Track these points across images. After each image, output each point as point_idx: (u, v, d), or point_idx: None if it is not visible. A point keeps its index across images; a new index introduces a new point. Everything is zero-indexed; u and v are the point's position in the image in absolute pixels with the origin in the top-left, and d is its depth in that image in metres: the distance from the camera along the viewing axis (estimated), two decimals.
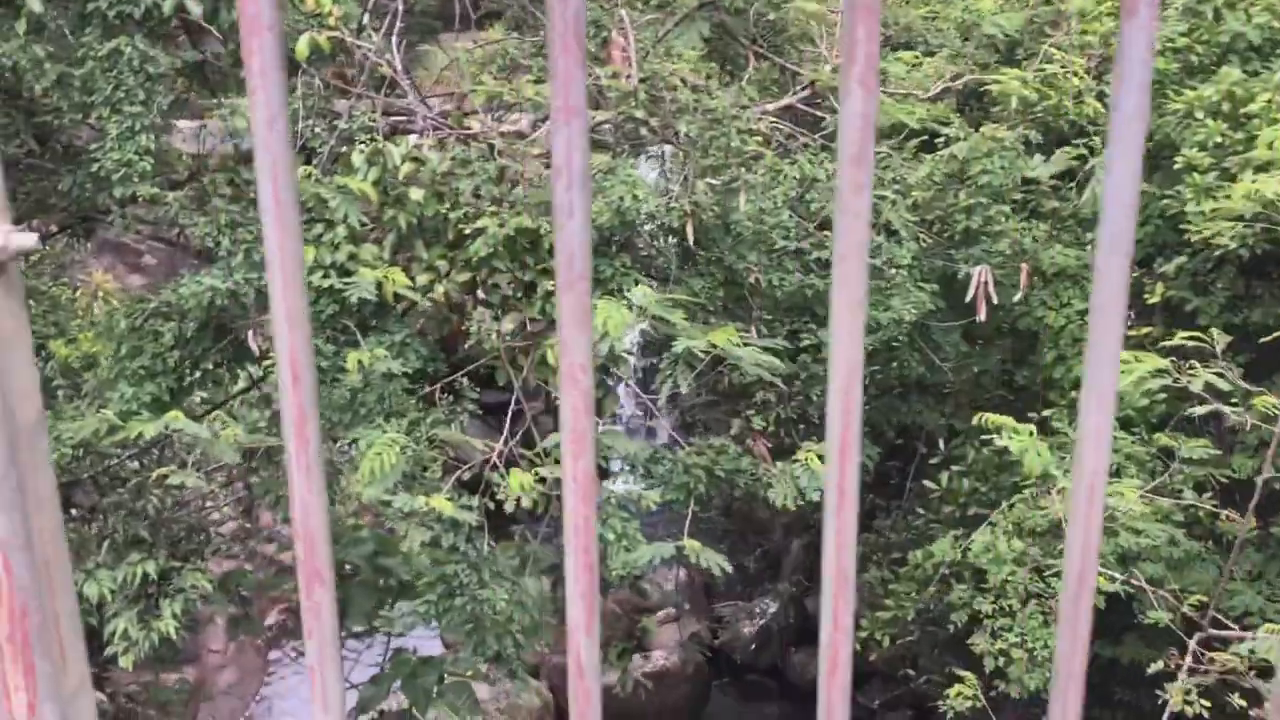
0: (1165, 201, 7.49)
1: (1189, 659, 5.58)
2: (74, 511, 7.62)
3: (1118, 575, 6.35)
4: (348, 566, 8.30)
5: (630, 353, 7.23)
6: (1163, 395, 7.37)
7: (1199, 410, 5.82)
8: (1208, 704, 5.38)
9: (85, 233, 10.54)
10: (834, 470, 0.94)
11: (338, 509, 7.69)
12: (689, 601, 16.41)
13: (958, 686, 6.22)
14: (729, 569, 6.56)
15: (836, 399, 0.91)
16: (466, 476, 6.57)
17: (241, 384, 7.40)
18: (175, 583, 6.63)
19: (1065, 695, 0.97)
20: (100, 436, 6.02)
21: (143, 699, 9.98)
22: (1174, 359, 5.79)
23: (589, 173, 0.86)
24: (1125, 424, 7.24)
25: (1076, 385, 8.05)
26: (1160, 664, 5.64)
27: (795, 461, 6.65)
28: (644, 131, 7.32)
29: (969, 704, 6.21)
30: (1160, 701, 5.56)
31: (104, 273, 13.83)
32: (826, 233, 7.48)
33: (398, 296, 6.61)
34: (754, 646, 15.58)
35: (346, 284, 6.20)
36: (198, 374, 6.78)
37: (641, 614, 14.37)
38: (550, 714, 14.82)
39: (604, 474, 6.77)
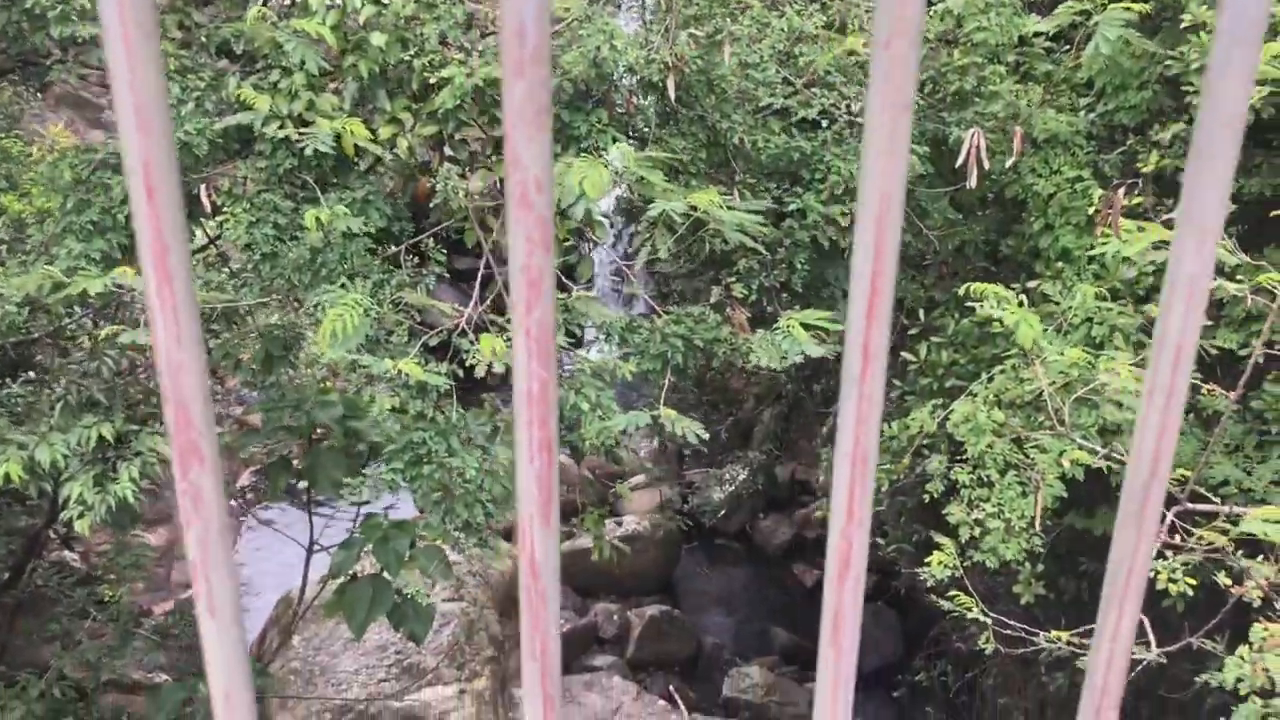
0: (1167, 64, 7.16)
1: (1164, 532, 5.53)
2: (30, 374, 7.35)
3: (1099, 448, 6.25)
4: (317, 430, 8.11)
5: (606, 216, 6.92)
6: (1151, 267, 7.19)
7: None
8: (1193, 581, 5.32)
9: (31, 80, 9.97)
10: (857, 330, 0.73)
11: (304, 373, 7.44)
12: (661, 468, 16.49)
13: (938, 555, 6.15)
14: (705, 436, 6.41)
15: (867, 226, 0.70)
16: (434, 343, 6.33)
17: (199, 241, 7.05)
18: (133, 446, 6.40)
19: (1123, 601, 0.83)
20: (46, 293, 5.71)
21: (113, 559, 9.88)
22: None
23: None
24: (1112, 295, 7.06)
25: (1063, 255, 7.87)
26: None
27: (776, 330, 6.44)
28: None
29: (949, 572, 6.16)
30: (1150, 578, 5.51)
31: (62, 126, 13.26)
32: (815, 90, 7.12)
33: (359, 151, 6.25)
34: (723, 513, 15.73)
35: (303, 135, 5.83)
36: None
37: (615, 480, 14.38)
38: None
39: (578, 342, 6.54)
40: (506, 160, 0.67)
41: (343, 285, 5.75)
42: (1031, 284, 7.57)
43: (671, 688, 13.84)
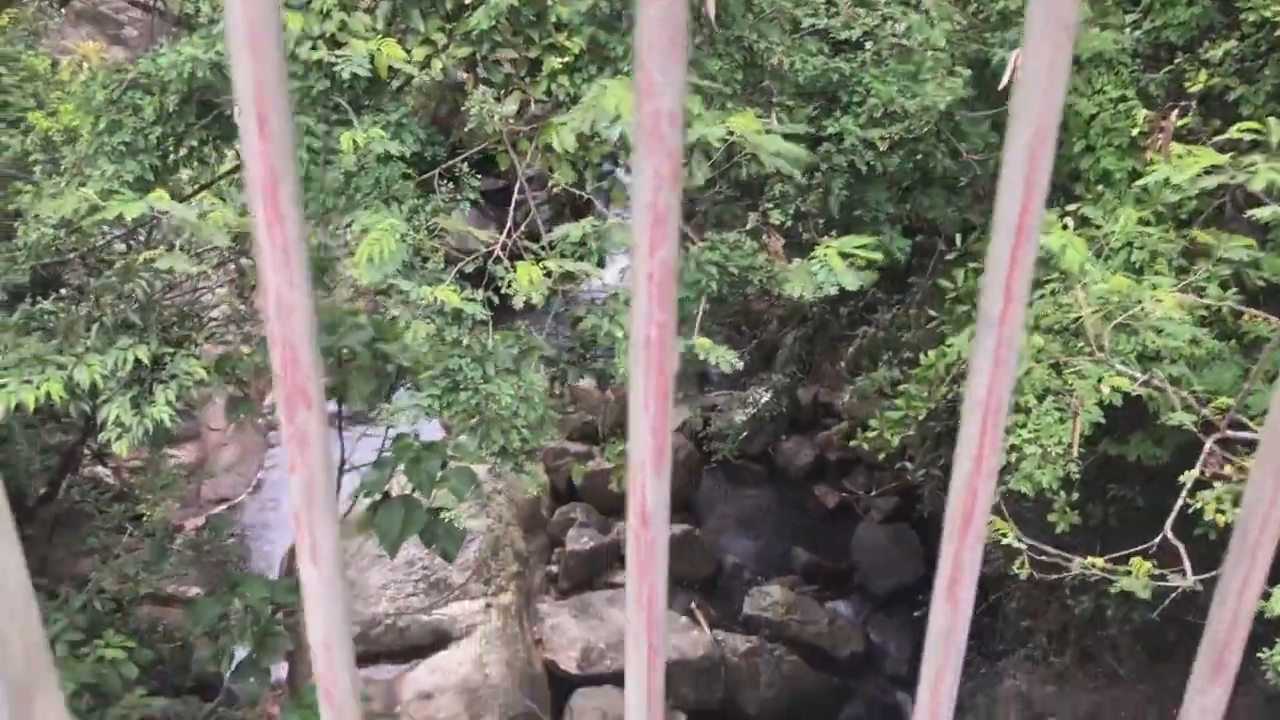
0: None
1: (1200, 462, 5.51)
2: (63, 292, 7.35)
3: (1138, 375, 6.21)
4: (345, 351, 8.14)
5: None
6: (1196, 190, 7.05)
7: (1262, 212, 5.51)
8: (1224, 511, 5.31)
9: None
10: (1000, 267, 0.69)
11: (335, 295, 7.42)
12: (683, 391, 16.51)
13: None
14: (739, 365, 6.39)
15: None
16: (469, 269, 6.29)
17: (230, 163, 6.99)
18: (168, 368, 6.43)
19: (1255, 551, 0.78)
20: (81, 216, 5.68)
21: (149, 479, 10.00)
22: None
23: None
24: (1154, 219, 6.94)
25: (1104, 178, 7.73)
26: (1195, 472, 5.53)
27: (813, 259, 6.36)
28: None
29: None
30: (1183, 506, 5.49)
31: (91, 44, 13.09)
32: (858, 9, 6.95)
33: (393, 72, 6.15)
34: (745, 435, 15.77)
35: (337, 57, 5.74)
36: (182, 151, 6.36)
37: None
38: (547, 494, 15.14)
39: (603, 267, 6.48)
40: (637, 89, 0.63)
41: (376, 210, 5.70)
42: (1071, 207, 7.46)
43: (693, 605, 14.04)
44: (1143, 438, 7.41)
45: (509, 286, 5.78)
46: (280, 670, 11.92)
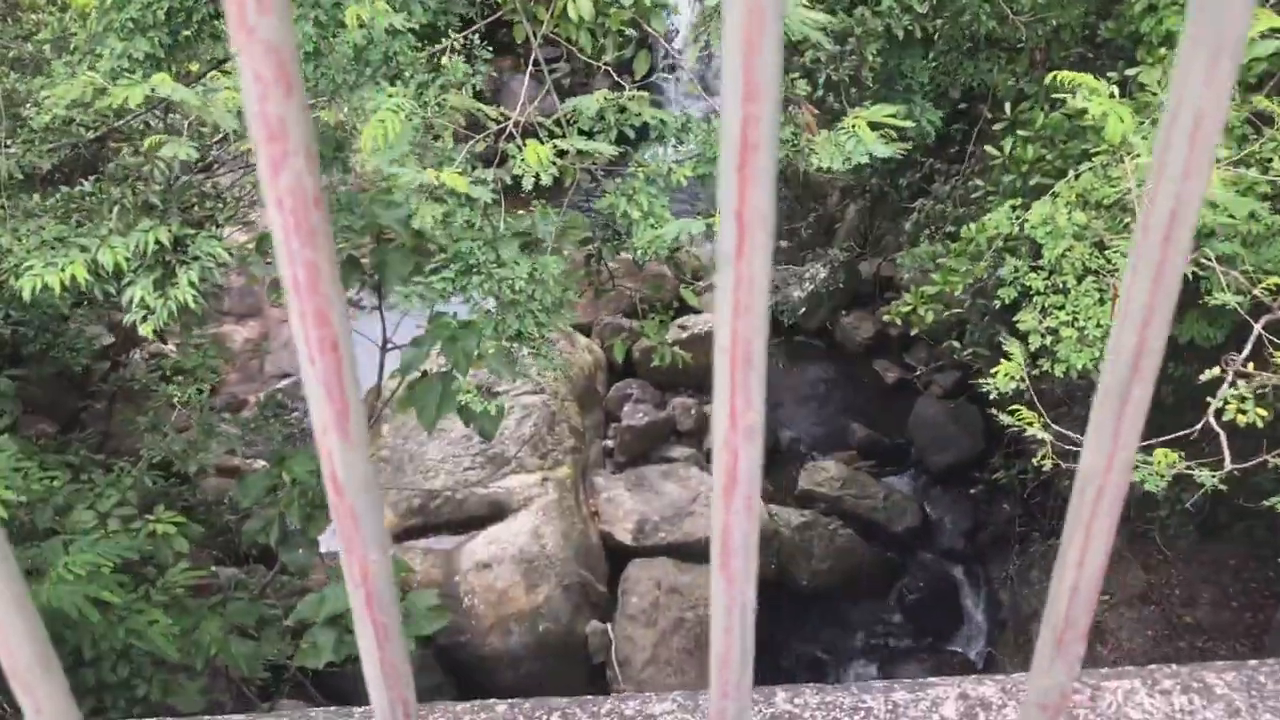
0: None
1: (1251, 341, 5.20)
2: (83, 180, 7.37)
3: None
4: (385, 232, 8.08)
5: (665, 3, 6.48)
6: (1266, 51, 6.54)
7: None
8: (1263, 413, 5.03)
9: None
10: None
11: (360, 174, 7.32)
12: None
13: (1004, 365, 5.90)
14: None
15: None
16: (480, 148, 6.11)
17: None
18: (191, 250, 6.42)
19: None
20: (89, 99, 5.61)
21: (178, 363, 10.18)
22: None
23: None
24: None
25: (1167, 40, 7.20)
26: (1215, 371, 5.23)
27: (841, 129, 6.05)
28: None
29: (1014, 384, 5.93)
30: (1214, 410, 5.23)
31: None
32: None
33: None
34: (804, 310, 15.52)
35: None
36: (193, 28, 6.22)
37: (681, 284, 14.23)
38: (602, 368, 15.16)
39: (627, 141, 6.24)
40: None
41: (382, 89, 5.53)
42: (1131, 71, 6.99)
43: None
44: (1196, 316, 7.05)
45: (520, 168, 5.59)
46: (332, 543, 12.29)
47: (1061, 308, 6.04)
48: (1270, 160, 6.31)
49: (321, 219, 0.58)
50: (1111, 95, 5.84)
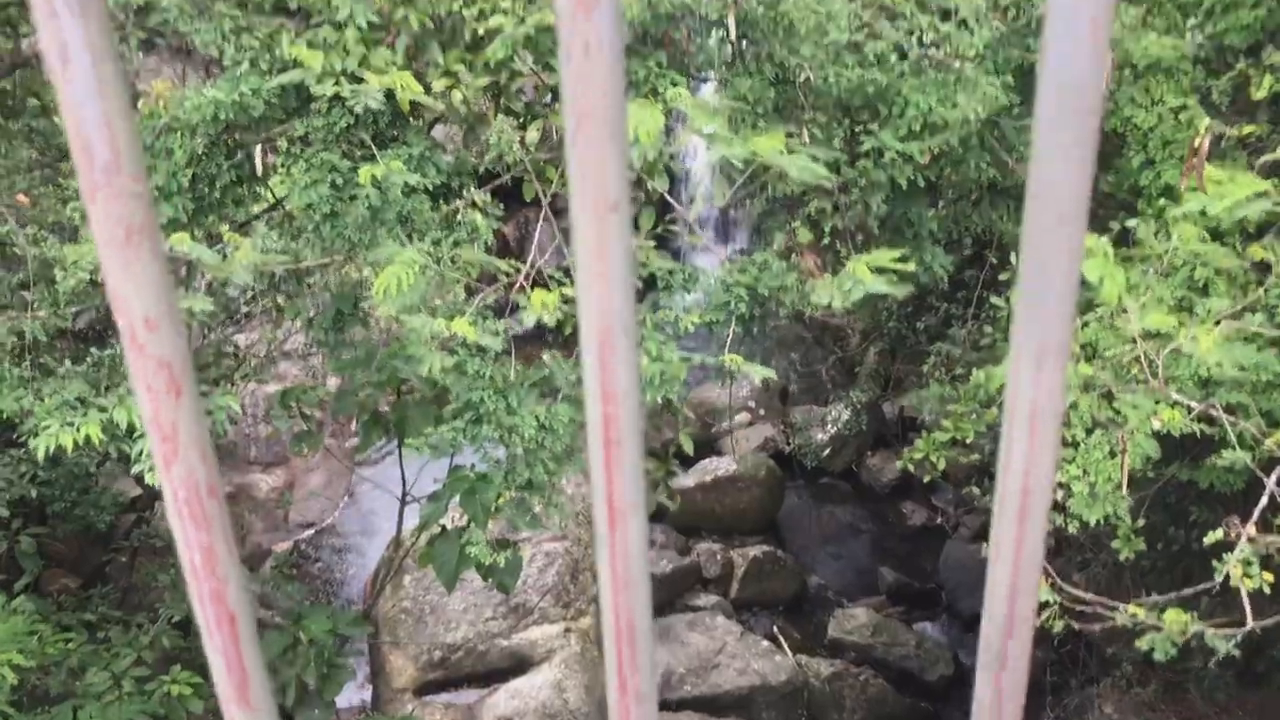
0: None
1: (1264, 501, 5.09)
2: (111, 343, 7.57)
3: (1194, 403, 5.81)
4: (405, 385, 8.18)
5: (669, 161, 6.68)
6: (1237, 219, 6.61)
7: None
8: (1270, 577, 4.90)
9: (126, 40, 10.16)
10: None
11: (377, 329, 7.48)
12: (763, 407, 16.28)
13: None
14: (773, 376, 6.21)
15: None
16: (491, 299, 6.25)
17: (264, 204, 7.10)
18: (204, 406, 6.54)
19: None
20: None
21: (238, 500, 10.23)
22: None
23: None
24: (1215, 235, 6.53)
25: (1165, 193, 7.31)
26: (1219, 533, 5.13)
27: (842, 275, 6.14)
28: None
29: None
30: (1222, 574, 5.09)
31: (165, 82, 13.51)
32: (885, 22, 6.70)
33: (416, 107, 6.15)
34: (829, 451, 15.46)
35: (354, 93, 5.76)
36: (216, 193, 6.47)
37: (716, 420, 14.24)
38: None
39: (641, 294, 6.36)
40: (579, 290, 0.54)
41: (400, 242, 5.70)
42: (1131, 222, 7.07)
43: (775, 628, 13.78)
44: (1214, 463, 6.97)
45: (526, 313, 5.69)
46: (353, 697, 12.08)
47: (1072, 461, 5.99)
48: (1276, 307, 6.33)
49: (216, 506, 0.63)
50: (1106, 255, 5.89)
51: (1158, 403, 5.92)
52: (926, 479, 7.89)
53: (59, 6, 0.54)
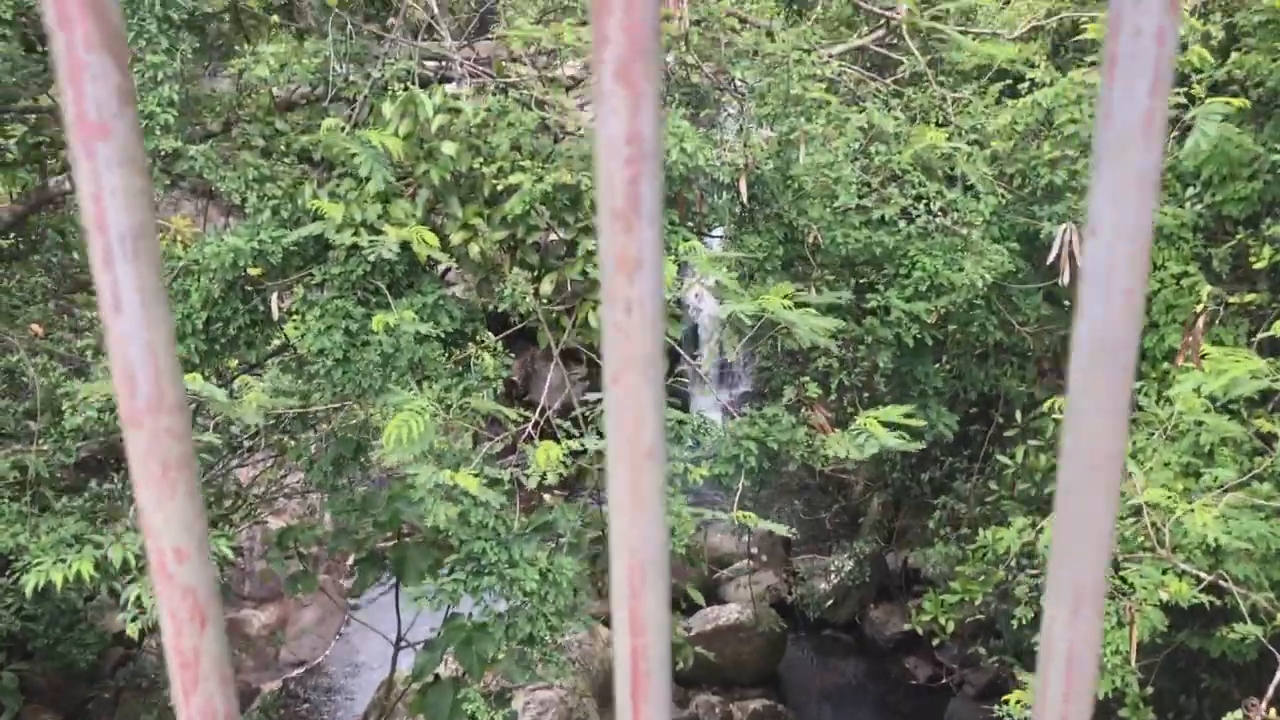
0: (1278, 157, 6.70)
1: (1275, 685, 4.99)
2: (112, 476, 7.53)
3: (1203, 574, 5.75)
4: (405, 527, 8.11)
5: (679, 312, 6.77)
6: (1236, 395, 6.67)
7: None
8: None
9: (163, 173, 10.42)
10: None
11: (375, 473, 7.46)
12: (765, 554, 16.07)
13: (1016, 693, 5.71)
14: (789, 532, 6.19)
15: None
16: (499, 448, 6.25)
17: (276, 344, 7.17)
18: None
19: None
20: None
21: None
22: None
23: (659, 137, 0.54)
24: (1219, 402, 6.57)
25: (1168, 356, 7.38)
26: (1239, 714, 5.02)
27: (854, 429, 6.16)
28: (697, 79, 6.77)
29: (1027, 713, 5.70)
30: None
31: (185, 219, 13.78)
32: (893, 188, 6.89)
33: (431, 257, 6.27)
34: (831, 602, 15.20)
35: (372, 243, 5.87)
36: (228, 336, 6.54)
37: (718, 567, 14.07)
38: None
39: None
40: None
41: (410, 389, 5.73)
42: (1136, 385, 7.12)
43: None
44: (1225, 634, 6.86)
45: (531, 470, 5.69)
46: None
47: None
48: None
49: None
50: None
51: (1165, 572, 5.86)
52: (936, 642, 7.73)
53: (115, 254, 0.57)
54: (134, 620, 5.74)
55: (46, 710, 11.27)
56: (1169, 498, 5.49)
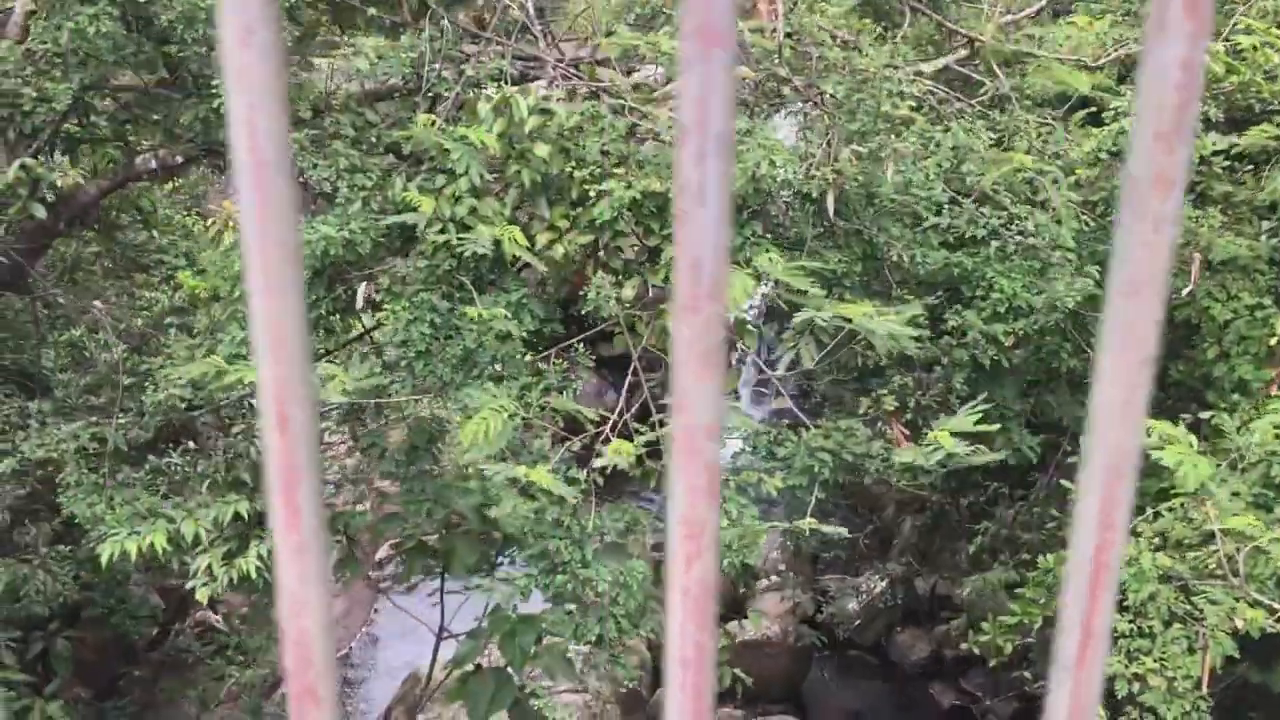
0: None
1: None
2: (191, 444, 7.62)
3: (1277, 605, 5.75)
4: (454, 517, 8.14)
5: (755, 325, 6.81)
6: None
7: None
8: None
9: (215, 165, 10.52)
10: None
11: (446, 464, 7.51)
12: (794, 571, 16.06)
13: None
14: (845, 535, 6.22)
15: None
16: (577, 447, 6.29)
17: (356, 331, 7.22)
18: (268, 524, 6.52)
19: None
20: (209, 380, 5.90)
21: (240, 642, 10.09)
22: None
23: (732, 134, 0.57)
24: None
25: (1239, 386, 7.39)
26: None
27: (926, 443, 6.17)
28: (787, 91, 6.82)
29: None
30: None
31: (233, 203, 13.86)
32: (983, 209, 6.91)
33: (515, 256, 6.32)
34: (858, 623, 15.18)
35: (463, 240, 5.93)
36: (310, 321, 6.59)
37: (745, 582, 14.07)
38: (648, 672, 14.69)
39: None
40: (673, 402, 0.61)
41: (488, 390, 5.78)
42: (1204, 414, 7.12)
43: None
44: None
45: (605, 461, 5.73)
46: None
47: (1148, 653, 5.89)
48: None
49: None
50: (1192, 445, 5.93)
51: (1238, 600, 5.86)
52: (991, 663, 7.72)
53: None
54: (204, 586, 5.83)
55: (78, 683, 11.32)
56: (1252, 524, 5.50)
